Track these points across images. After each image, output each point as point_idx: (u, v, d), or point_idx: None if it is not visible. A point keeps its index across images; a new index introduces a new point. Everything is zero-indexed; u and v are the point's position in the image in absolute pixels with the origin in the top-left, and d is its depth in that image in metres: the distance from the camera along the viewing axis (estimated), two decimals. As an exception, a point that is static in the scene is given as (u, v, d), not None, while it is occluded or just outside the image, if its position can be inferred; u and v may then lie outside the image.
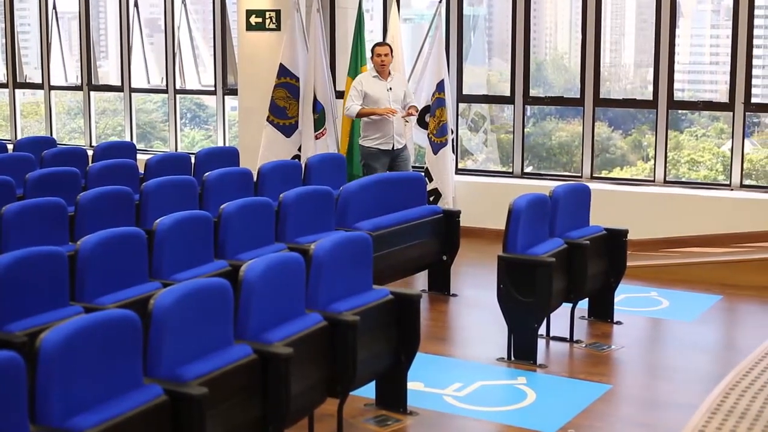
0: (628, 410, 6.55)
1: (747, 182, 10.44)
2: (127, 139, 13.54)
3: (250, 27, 11.63)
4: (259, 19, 11.57)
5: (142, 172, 9.39)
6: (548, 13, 12.37)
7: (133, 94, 13.76)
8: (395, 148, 9.93)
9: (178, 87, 13.39)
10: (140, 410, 4.20)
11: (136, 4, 13.54)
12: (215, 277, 5.55)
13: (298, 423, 5.34)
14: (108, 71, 14.82)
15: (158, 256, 6.36)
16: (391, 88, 9.94)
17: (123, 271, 5.99)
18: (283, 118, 11.14)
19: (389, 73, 10.01)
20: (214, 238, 6.86)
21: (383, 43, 10.23)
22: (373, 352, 5.78)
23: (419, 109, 10.31)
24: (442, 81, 10.64)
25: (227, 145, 12.83)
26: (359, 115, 9.87)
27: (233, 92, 12.70)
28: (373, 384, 6.10)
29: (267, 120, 11.14)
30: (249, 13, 11.59)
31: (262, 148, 11.08)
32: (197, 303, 4.70)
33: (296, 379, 5.00)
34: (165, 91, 13.50)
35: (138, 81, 13.76)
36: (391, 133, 9.89)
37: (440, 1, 10.97)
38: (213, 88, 13.09)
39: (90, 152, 10.76)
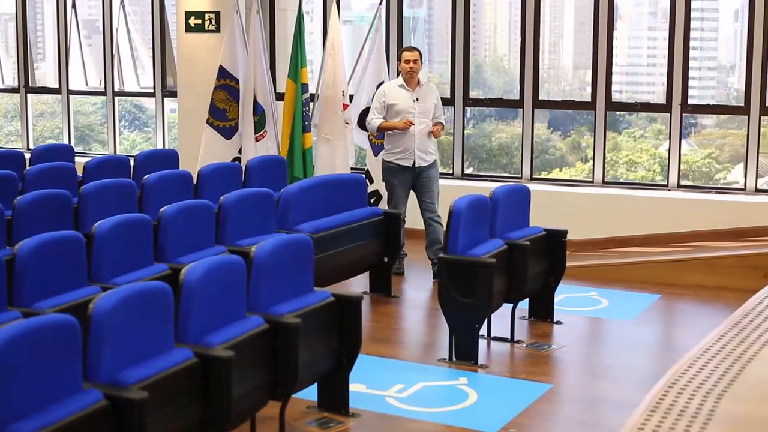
0: (569, 409, 6.61)
1: (684, 183, 10.56)
2: (65, 141, 13.41)
3: (189, 29, 11.56)
4: (199, 21, 11.51)
5: (81, 175, 9.30)
6: (488, 16, 12.44)
7: (71, 96, 13.64)
8: (417, 165, 9.25)
9: (116, 89, 13.30)
10: (80, 415, 4.16)
11: (73, 6, 13.42)
12: (155, 280, 5.52)
13: (239, 426, 5.32)
14: (45, 73, 14.67)
15: (97, 259, 6.30)
16: (417, 99, 9.29)
17: (61, 275, 5.93)
18: (222, 120, 11.08)
19: (418, 83, 9.37)
20: (153, 241, 6.81)
21: (412, 48, 9.54)
22: (314, 355, 5.77)
23: (445, 126, 9.74)
24: (383, 83, 10.63)
25: (167, 147, 12.75)
26: (380, 129, 9.39)
27: (172, 94, 12.63)
28: (315, 386, 6.09)
29: (207, 122, 11.08)
30: (188, 14, 11.53)
31: (201, 151, 11.01)
32: (137, 307, 4.67)
33: (238, 383, 4.98)
34: (103, 93, 13.40)
35: (76, 83, 13.64)
36: (412, 148, 9.23)
37: (380, 3, 10.97)
38: (152, 90, 13.01)
39: (27, 155, 10.64)
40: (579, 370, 7.38)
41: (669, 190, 10.46)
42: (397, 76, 9.62)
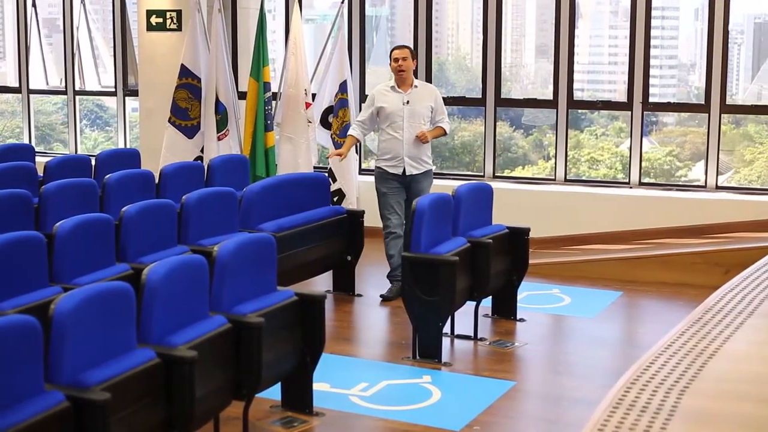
0: (532, 406, 6.64)
1: (645, 180, 10.62)
2: (26, 141, 13.31)
3: (150, 27, 11.51)
4: (160, 20, 11.46)
5: (41, 175, 9.24)
6: (450, 14, 12.46)
7: (31, 96, 13.54)
8: (407, 173, 8.63)
9: (77, 88, 13.21)
10: (42, 417, 4.14)
11: (33, 4, 13.32)
12: (117, 280, 5.49)
13: (203, 426, 5.30)
14: (5, 72, 14.55)
15: (59, 260, 6.26)
16: (408, 102, 8.64)
17: (22, 275, 5.88)
18: (184, 119, 11.05)
19: (411, 84, 8.72)
20: (115, 241, 6.77)
21: (401, 46, 8.89)
22: (278, 354, 5.76)
23: (447, 132, 8.93)
24: (345, 81, 10.65)
25: (128, 146, 12.69)
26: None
27: (134, 93, 12.56)
28: (278, 386, 6.08)
29: (168, 121, 11.04)
30: (149, 13, 11.47)
31: (163, 150, 10.97)
32: (99, 307, 4.64)
33: (201, 383, 4.96)
34: (64, 93, 13.30)
35: (36, 82, 13.53)
36: (401, 155, 8.59)
37: (342, 2, 10.97)
38: (113, 89, 12.93)
39: (-13, 155, 10.55)
40: (542, 368, 7.41)
41: (630, 187, 10.52)
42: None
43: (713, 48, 10.20)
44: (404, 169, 8.65)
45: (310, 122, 10.59)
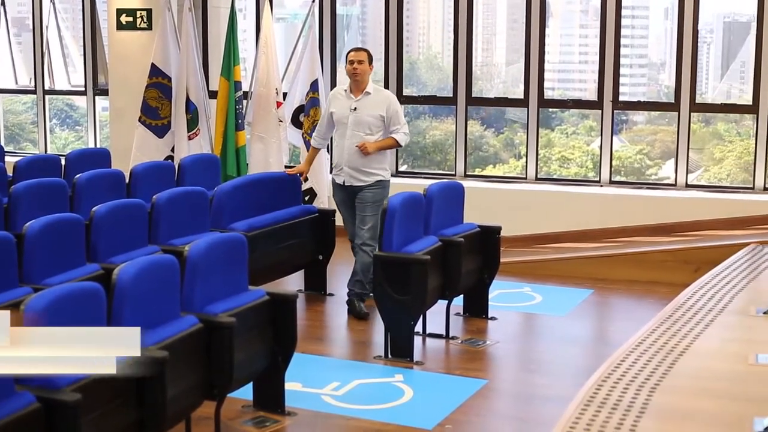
0: (504, 404, 6.65)
1: (616, 178, 10.66)
2: (-5, 141, 13.25)
3: (120, 26, 11.46)
4: (130, 18, 11.41)
5: (11, 174, 9.18)
6: (421, 13, 12.46)
7: (0, 95, 13.45)
8: (346, 184, 8.18)
9: (47, 87, 13.14)
10: (13, 418, 4.12)
11: (2, 3, 13.24)
12: (88, 281, 5.47)
13: (175, 427, 5.28)
14: (-26, 72, 14.47)
15: (29, 260, 6.22)
16: (355, 109, 8.09)
17: (-8, 276, 5.86)
18: (155, 118, 11.00)
19: (364, 90, 8.13)
20: (86, 241, 6.74)
21: (359, 48, 8.30)
22: (250, 354, 5.75)
23: (402, 144, 8.26)
24: (317, 80, 10.62)
25: (98, 146, 12.63)
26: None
27: (104, 92, 12.50)
28: (250, 385, 6.07)
29: (139, 120, 10.98)
30: (119, 12, 11.42)
31: (134, 149, 10.92)
32: (69, 308, 4.61)
33: (172, 383, 4.94)
34: (34, 92, 13.23)
35: (5, 81, 13.45)
36: (342, 164, 8.16)
37: (313, 1, 10.95)
38: (83, 89, 12.86)
39: (-44, 155, 10.48)
40: (514, 366, 7.42)
41: (601, 186, 10.56)
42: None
43: (683, 47, 10.25)
44: (344, 180, 8.24)
45: (281, 121, 10.56)
